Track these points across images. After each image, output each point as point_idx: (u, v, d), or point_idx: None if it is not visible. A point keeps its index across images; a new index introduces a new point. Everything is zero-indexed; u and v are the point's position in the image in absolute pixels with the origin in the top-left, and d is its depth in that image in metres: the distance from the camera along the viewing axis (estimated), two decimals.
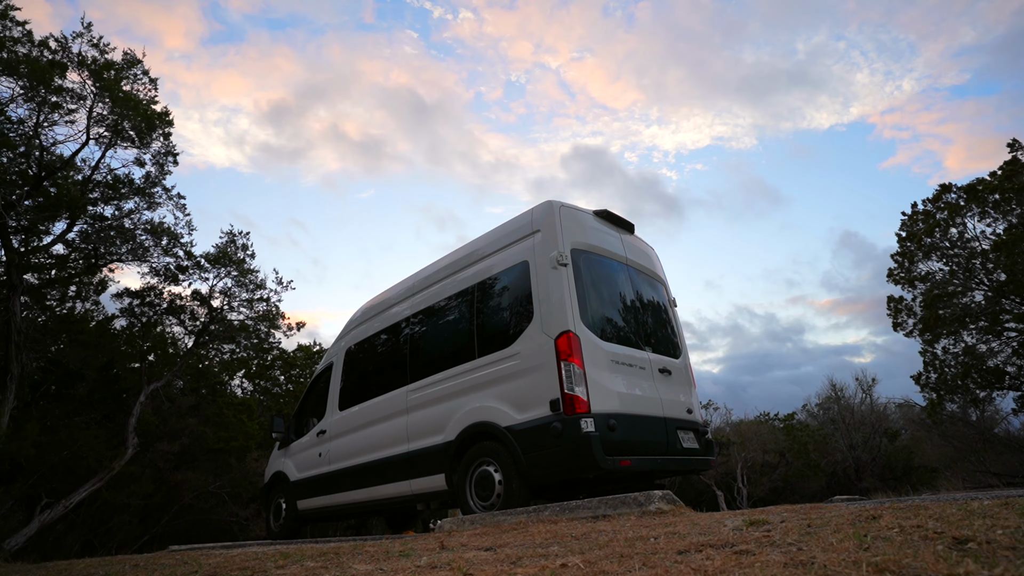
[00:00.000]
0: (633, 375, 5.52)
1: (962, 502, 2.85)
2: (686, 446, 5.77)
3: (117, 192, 14.40)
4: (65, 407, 14.97)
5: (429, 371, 6.30)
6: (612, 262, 6.09)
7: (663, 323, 6.54)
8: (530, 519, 4.21)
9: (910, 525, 2.30)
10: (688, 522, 3.25)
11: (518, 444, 5.05)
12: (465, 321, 6.12)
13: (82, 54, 12.73)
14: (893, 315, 19.70)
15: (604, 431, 4.84)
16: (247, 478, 18.06)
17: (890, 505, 3.08)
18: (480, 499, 5.36)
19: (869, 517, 2.63)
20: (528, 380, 5.20)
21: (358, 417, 7.20)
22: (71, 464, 13.80)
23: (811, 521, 2.73)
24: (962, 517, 2.36)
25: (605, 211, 6.34)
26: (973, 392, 18.40)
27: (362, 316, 8.04)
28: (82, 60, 12.70)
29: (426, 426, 6.08)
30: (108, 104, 13.12)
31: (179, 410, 17.37)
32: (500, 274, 5.92)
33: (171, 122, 14.29)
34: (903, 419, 28.87)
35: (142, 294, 16.61)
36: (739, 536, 2.54)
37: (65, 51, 12.58)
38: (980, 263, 17.64)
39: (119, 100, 13.02)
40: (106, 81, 12.75)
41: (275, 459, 8.86)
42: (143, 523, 15.88)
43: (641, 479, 6.13)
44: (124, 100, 13.07)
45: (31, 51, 12.14)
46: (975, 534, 1.98)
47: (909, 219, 19.33)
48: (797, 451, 27.80)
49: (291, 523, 8.08)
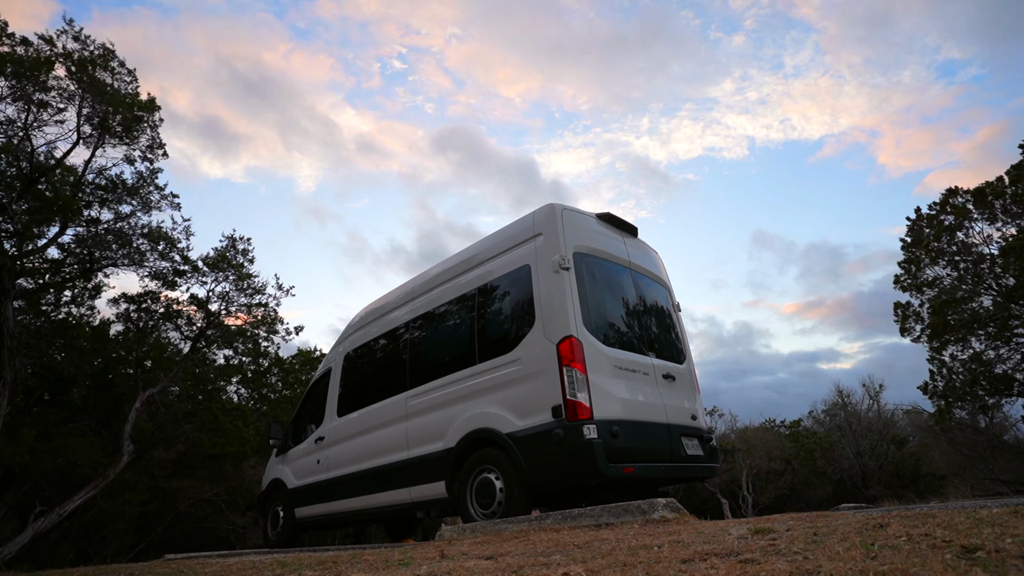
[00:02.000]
0: (636, 381, 5.51)
1: (971, 510, 2.84)
2: (690, 453, 5.76)
3: (111, 194, 14.38)
4: (59, 413, 14.97)
5: (429, 377, 6.30)
6: (615, 266, 6.09)
7: (667, 328, 6.54)
8: (532, 527, 4.20)
9: (918, 534, 2.30)
10: (692, 530, 3.25)
11: (519, 451, 5.04)
12: (465, 326, 6.12)
13: (66, 48, 12.69)
14: (900, 321, 19.71)
15: (607, 438, 4.83)
16: (244, 485, 18.05)
17: (898, 513, 3.08)
18: (481, 507, 5.36)
19: (876, 525, 2.63)
20: (530, 386, 5.20)
21: (357, 423, 7.20)
22: (65, 471, 13.80)
23: (817, 529, 2.73)
24: (971, 525, 2.36)
25: (608, 214, 6.35)
26: (982, 399, 18.40)
27: (361, 321, 8.04)
28: (68, 55, 12.65)
29: (426, 432, 6.07)
30: (94, 100, 13.06)
31: (175, 416, 17.36)
32: (501, 278, 5.92)
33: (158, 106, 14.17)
34: (911, 426, 28.87)
35: (138, 299, 16.59)
36: (744, 545, 2.54)
37: (50, 47, 12.51)
38: (988, 268, 17.65)
39: (106, 95, 12.98)
40: (92, 76, 12.73)
41: (272, 466, 8.86)
42: (138, 531, 15.88)
43: (645, 487, 6.12)
44: (110, 95, 13.05)
45: (15, 49, 12.13)
46: (984, 543, 1.98)
47: (914, 224, 19.33)
48: (803, 458, 27.77)
49: (289, 531, 8.07)
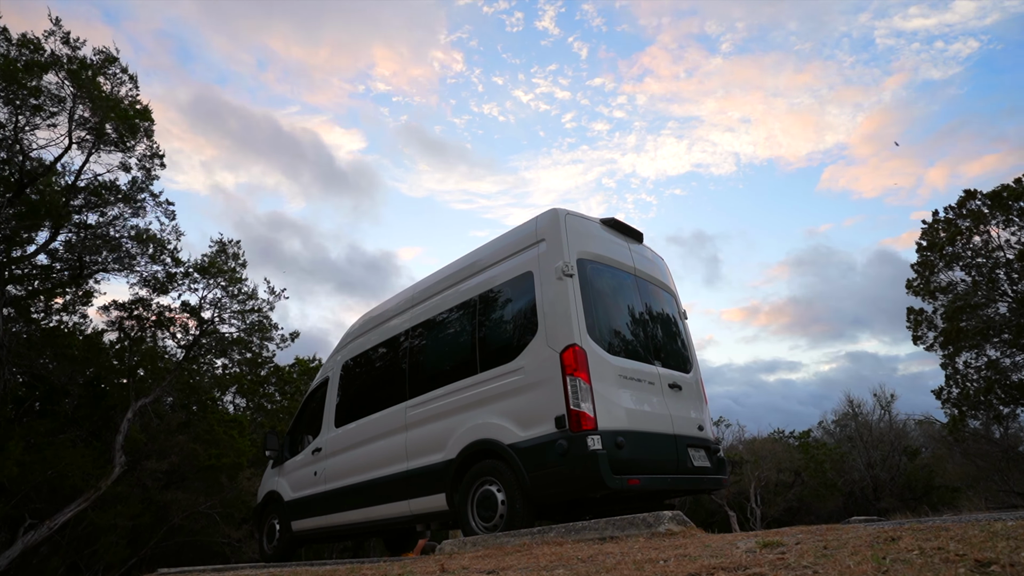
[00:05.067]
0: (642, 390, 5.51)
1: (985, 523, 2.84)
2: (697, 464, 5.75)
3: (102, 199, 14.40)
4: (50, 424, 14.97)
5: (429, 386, 6.30)
6: (620, 272, 6.09)
7: (673, 336, 6.54)
8: (534, 541, 4.20)
9: (931, 547, 2.30)
10: (699, 544, 3.25)
11: (522, 462, 5.04)
12: (467, 334, 6.12)
13: (55, 53, 12.61)
14: (913, 328, 19.68)
15: (611, 449, 4.83)
16: (239, 498, 18.02)
17: (910, 526, 3.07)
18: (482, 520, 5.35)
19: (888, 539, 2.63)
20: (532, 396, 5.20)
21: (355, 434, 7.20)
22: (56, 483, 13.79)
23: (827, 543, 2.73)
24: (985, 539, 2.36)
25: (612, 219, 6.36)
26: (996, 408, 18.36)
27: (359, 329, 8.04)
28: (57, 59, 12.58)
29: (426, 444, 6.07)
30: (89, 106, 13.05)
31: (168, 427, 17.35)
32: (503, 285, 5.93)
33: (152, 118, 14.12)
34: (923, 436, 28.79)
35: (130, 307, 16.63)
36: (752, 559, 2.54)
37: (37, 50, 12.44)
38: (1004, 273, 17.64)
39: (100, 101, 12.93)
40: (84, 81, 12.67)
41: (268, 478, 8.85)
42: (131, 545, 15.84)
43: (650, 499, 6.11)
44: (105, 101, 13.02)
45: (8, 51, 12.14)
46: (999, 556, 1.98)
47: (930, 227, 19.31)
48: (813, 470, 27.69)
49: (285, 545, 8.06)
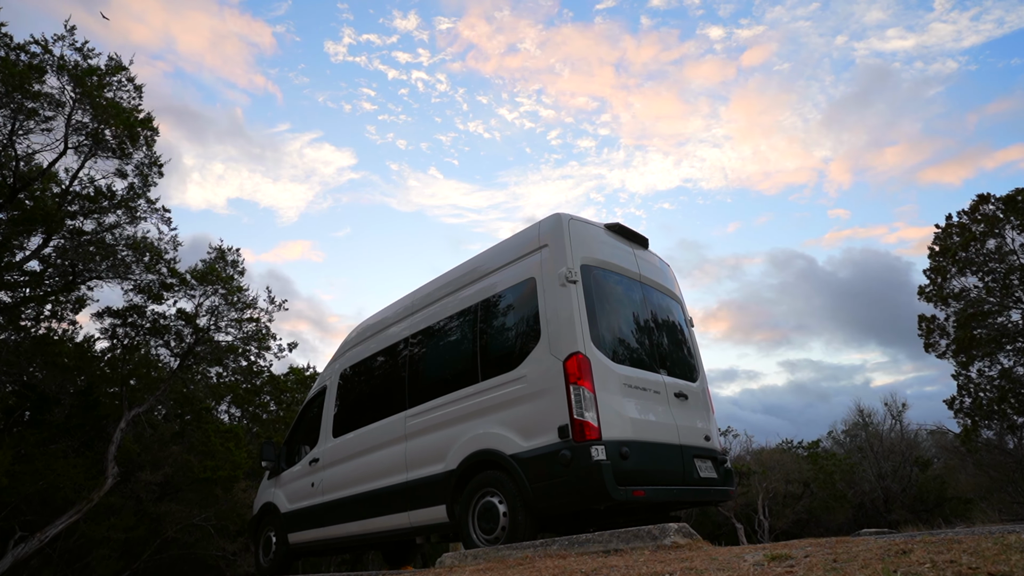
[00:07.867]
0: (647, 399, 5.51)
1: (998, 535, 2.84)
2: (703, 475, 5.74)
3: (98, 205, 14.43)
4: (40, 434, 14.96)
5: (429, 395, 6.30)
6: (624, 279, 6.09)
7: (679, 344, 6.54)
8: (537, 553, 4.20)
9: (943, 560, 2.30)
10: (706, 557, 3.24)
11: (524, 473, 5.04)
12: (467, 342, 6.13)
13: (63, 58, 12.70)
14: (925, 335, 19.64)
15: (616, 459, 4.82)
16: (235, 510, 17.97)
17: (921, 539, 3.07)
18: (483, 532, 5.34)
19: (899, 551, 2.63)
20: (535, 405, 5.20)
21: (353, 444, 7.20)
22: (47, 495, 13.78)
23: (837, 556, 2.73)
24: (998, 551, 2.36)
25: (617, 224, 6.36)
26: (1010, 418, 18.28)
27: (357, 337, 8.05)
28: (63, 65, 12.65)
29: (426, 454, 6.07)
30: (89, 111, 13.12)
31: (162, 437, 17.36)
32: (505, 292, 5.94)
33: (156, 128, 14.27)
34: (935, 447, 28.72)
35: (124, 314, 16.61)
36: (760, 572, 2.54)
37: (46, 53, 12.55)
38: (1019, 279, 17.61)
39: (100, 107, 13.00)
40: (88, 87, 12.76)
41: (264, 489, 8.84)
42: (123, 558, 15.81)
43: (655, 511, 6.10)
44: (106, 108, 13.08)
45: (8, 54, 12.21)
46: (1013, 570, 1.98)
47: (943, 232, 19.28)
48: (822, 481, 27.58)
49: (282, 558, 8.04)
